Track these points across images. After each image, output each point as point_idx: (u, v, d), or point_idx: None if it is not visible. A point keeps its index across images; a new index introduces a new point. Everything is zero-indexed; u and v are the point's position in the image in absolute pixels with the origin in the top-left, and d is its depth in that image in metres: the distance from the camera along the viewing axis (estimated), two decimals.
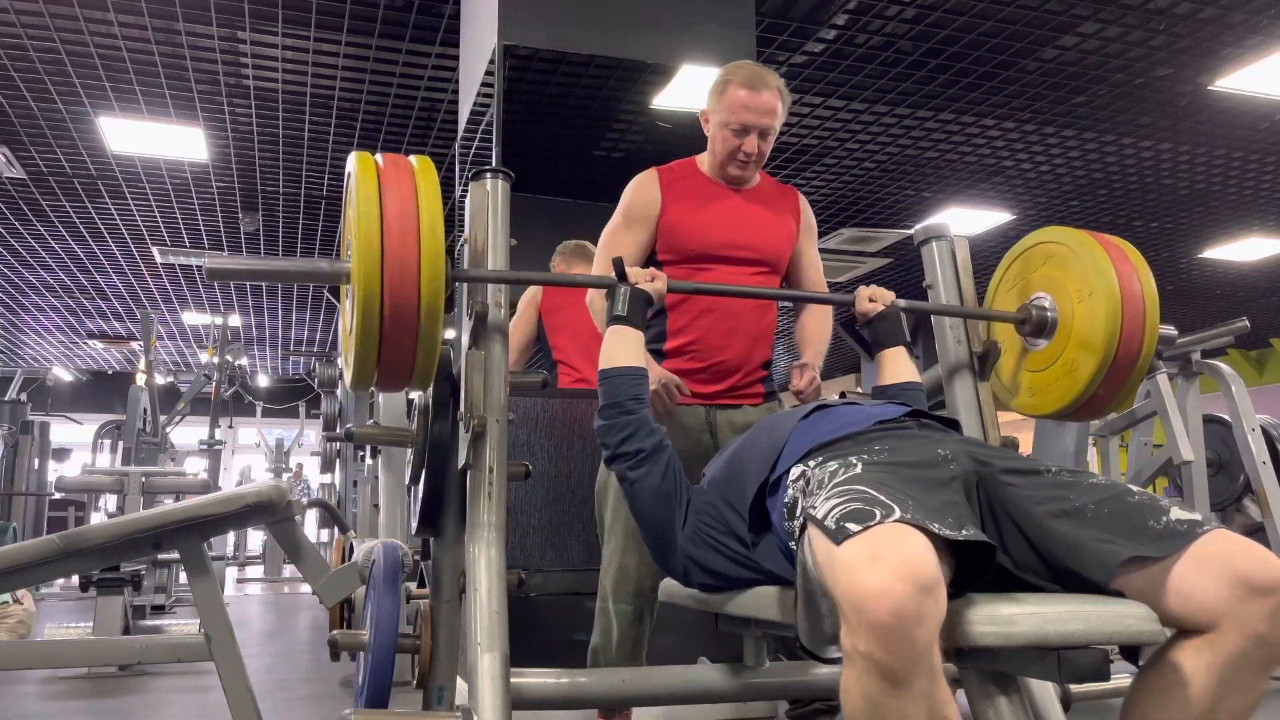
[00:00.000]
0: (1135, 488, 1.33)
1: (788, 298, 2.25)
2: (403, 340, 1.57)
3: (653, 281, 1.78)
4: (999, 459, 1.39)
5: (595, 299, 2.12)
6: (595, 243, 2.22)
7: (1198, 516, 1.23)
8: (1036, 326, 2.00)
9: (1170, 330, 2.05)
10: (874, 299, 1.92)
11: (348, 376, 1.67)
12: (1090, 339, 1.88)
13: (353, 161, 1.64)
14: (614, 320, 1.74)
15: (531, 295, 3.20)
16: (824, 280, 2.32)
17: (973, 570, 1.17)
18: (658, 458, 1.63)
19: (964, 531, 1.14)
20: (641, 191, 2.14)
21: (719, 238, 2.11)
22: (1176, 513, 1.24)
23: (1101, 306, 1.86)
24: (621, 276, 1.77)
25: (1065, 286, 1.96)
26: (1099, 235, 1.95)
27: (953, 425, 1.56)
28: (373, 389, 1.73)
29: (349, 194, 1.69)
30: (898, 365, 1.89)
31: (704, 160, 2.19)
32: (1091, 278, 1.89)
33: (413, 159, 1.69)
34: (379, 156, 1.67)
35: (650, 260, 2.12)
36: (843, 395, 2.35)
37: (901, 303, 1.93)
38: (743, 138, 2.06)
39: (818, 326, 2.24)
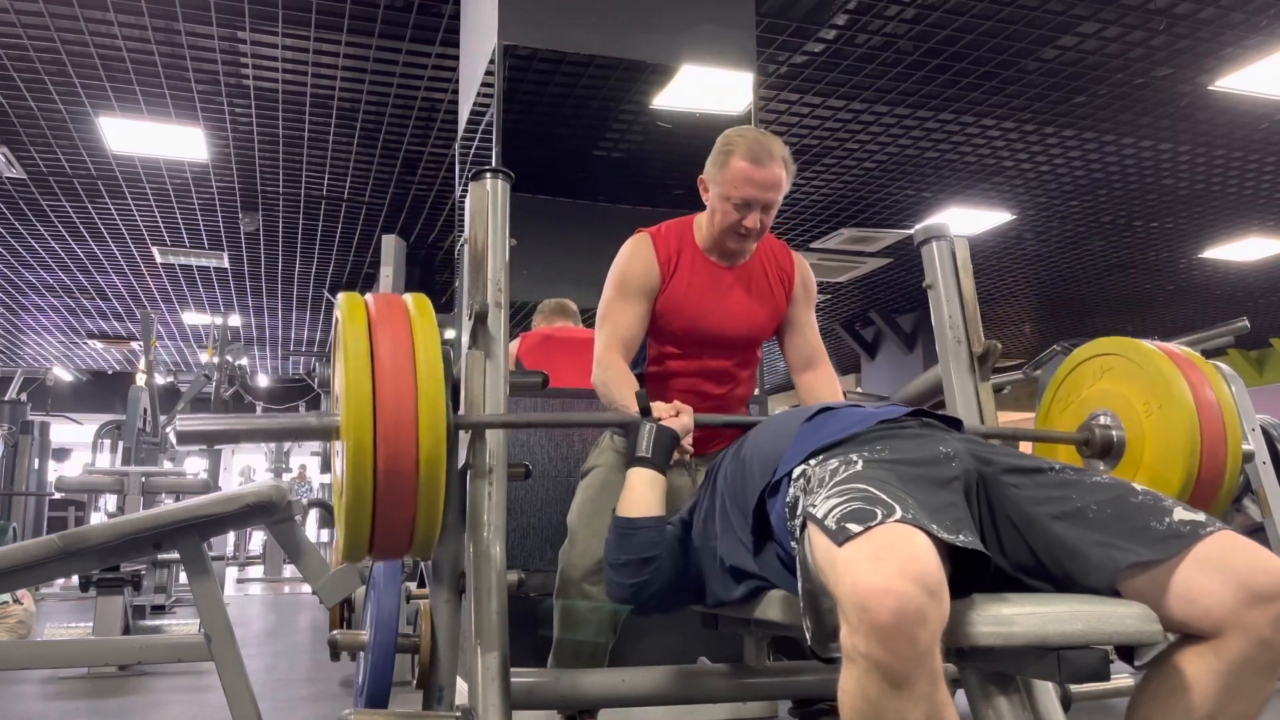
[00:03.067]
0: (1139, 486, 1.31)
1: None
2: (399, 511, 1.43)
3: (678, 416, 1.69)
4: (1001, 458, 1.38)
5: (602, 392, 1.97)
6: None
7: (1201, 517, 1.21)
8: (1102, 448, 1.82)
9: (1249, 447, 1.80)
10: None
11: (339, 548, 1.53)
12: (1167, 455, 1.70)
13: (341, 305, 1.50)
14: (639, 461, 1.63)
15: (510, 350, 3.19)
16: (819, 341, 2.22)
17: (969, 574, 1.17)
18: (667, 568, 1.57)
19: (960, 537, 1.13)
20: (638, 262, 2.05)
21: (709, 326, 2.07)
22: (1180, 513, 1.22)
23: (1178, 418, 1.68)
24: (645, 412, 1.67)
25: (1129, 401, 1.78)
26: (1158, 344, 1.81)
27: (955, 424, 1.55)
28: (372, 561, 1.60)
29: (336, 339, 1.55)
30: None
31: (701, 227, 2.10)
32: (1159, 387, 1.72)
33: (408, 298, 1.55)
34: (369, 298, 1.53)
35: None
36: (844, 396, 2.34)
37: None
38: (745, 213, 1.96)
39: (835, 391, 2.17)
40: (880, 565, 1.04)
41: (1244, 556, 1.16)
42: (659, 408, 1.69)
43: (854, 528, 1.09)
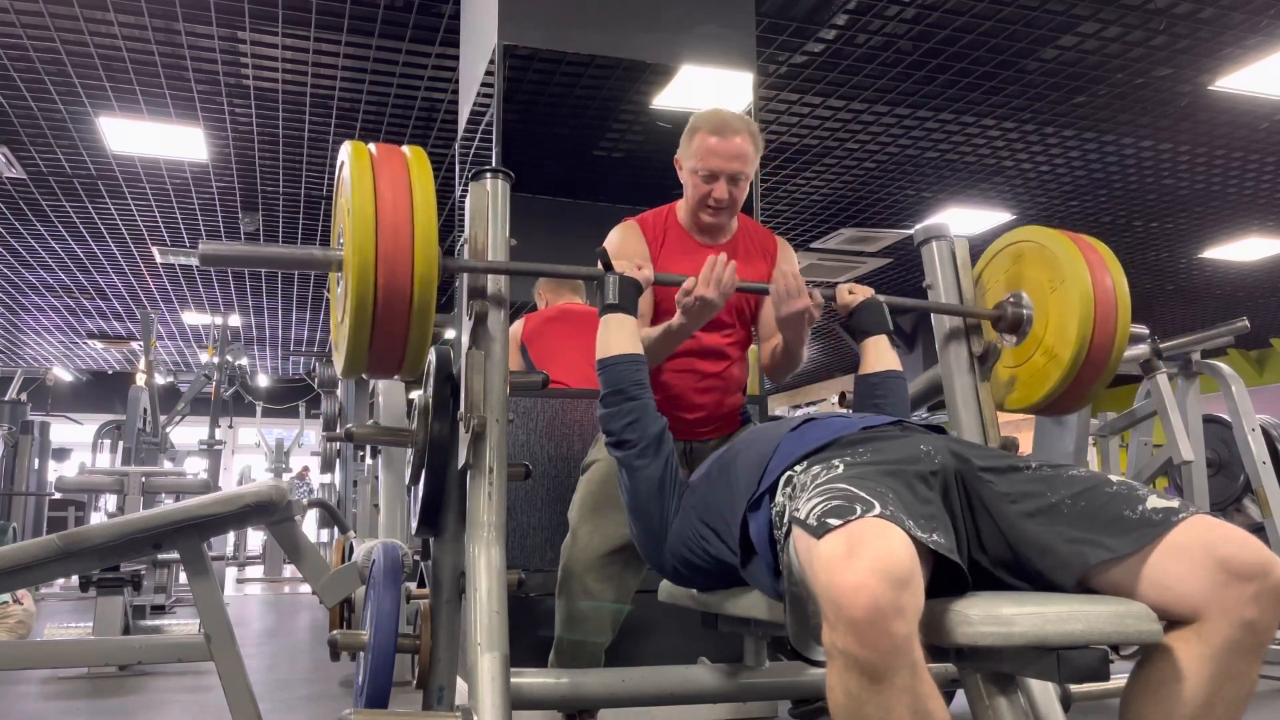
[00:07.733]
0: (1114, 477, 1.31)
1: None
2: (395, 326, 1.60)
3: (640, 270, 1.81)
4: (978, 456, 1.39)
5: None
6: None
7: (1175, 504, 1.22)
8: (1013, 322, 2.05)
9: (1141, 328, 2.12)
10: (854, 291, 1.97)
11: (339, 364, 1.70)
12: (1065, 323, 1.94)
13: (346, 150, 1.67)
14: (607, 309, 1.76)
15: (512, 332, 3.20)
16: None
17: (949, 575, 1.17)
18: (660, 448, 1.64)
19: (933, 537, 1.14)
20: (628, 244, 2.12)
21: None
22: (1154, 501, 1.23)
23: (1073, 291, 1.92)
24: (608, 266, 1.80)
25: (1038, 280, 2.02)
26: (1067, 232, 2.02)
27: (937, 431, 1.57)
28: (367, 377, 1.77)
29: (341, 183, 1.71)
30: (879, 353, 1.93)
31: (681, 209, 2.18)
32: (1062, 267, 1.96)
33: (405, 149, 1.71)
34: (372, 146, 1.69)
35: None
36: (842, 396, 2.35)
37: (882, 297, 1.97)
38: (712, 184, 2.04)
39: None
40: (854, 562, 1.05)
41: (1220, 536, 1.16)
42: (621, 263, 1.82)
43: (833, 522, 1.11)
